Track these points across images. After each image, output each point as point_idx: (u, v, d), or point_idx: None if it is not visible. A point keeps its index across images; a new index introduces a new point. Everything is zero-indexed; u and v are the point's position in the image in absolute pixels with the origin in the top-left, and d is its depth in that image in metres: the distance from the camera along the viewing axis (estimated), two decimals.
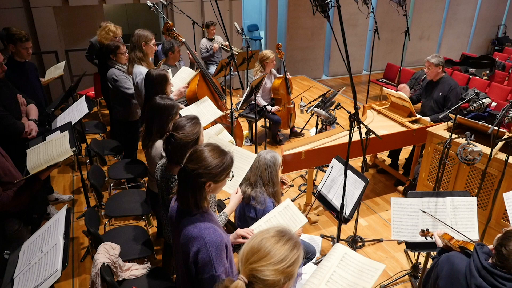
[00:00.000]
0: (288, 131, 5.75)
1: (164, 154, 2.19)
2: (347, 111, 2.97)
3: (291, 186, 4.49)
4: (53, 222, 1.97)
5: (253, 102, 4.48)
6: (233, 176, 1.78)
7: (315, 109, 3.40)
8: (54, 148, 2.37)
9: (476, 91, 3.35)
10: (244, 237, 2.09)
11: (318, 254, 3.44)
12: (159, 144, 2.50)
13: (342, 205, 2.55)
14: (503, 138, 2.97)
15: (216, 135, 3.14)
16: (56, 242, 1.79)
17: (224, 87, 6.21)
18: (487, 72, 8.07)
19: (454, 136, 2.81)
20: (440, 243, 2.26)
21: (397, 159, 4.74)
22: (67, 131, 2.52)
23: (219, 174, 1.68)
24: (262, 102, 5.15)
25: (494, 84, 7.19)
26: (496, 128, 2.99)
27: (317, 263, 3.34)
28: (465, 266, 1.88)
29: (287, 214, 2.32)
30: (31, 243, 1.97)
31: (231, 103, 4.16)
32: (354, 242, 3.54)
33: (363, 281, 1.58)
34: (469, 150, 2.39)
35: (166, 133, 2.17)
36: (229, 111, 4.13)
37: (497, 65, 8.23)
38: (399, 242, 3.62)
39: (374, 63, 10.08)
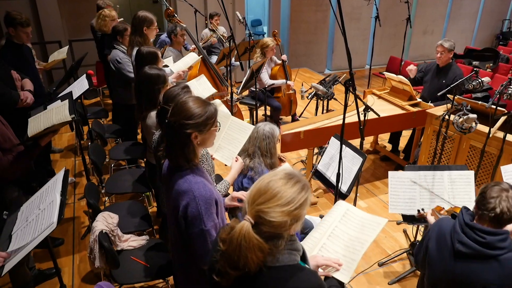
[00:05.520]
0: (289, 118, 5.76)
1: None
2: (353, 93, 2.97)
3: None
4: (52, 183, 2.00)
5: (253, 89, 4.50)
6: (220, 126, 1.77)
7: (313, 84, 3.41)
8: (54, 116, 2.41)
9: (475, 69, 3.35)
10: (239, 200, 2.09)
11: None
12: (154, 113, 2.52)
13: (338, 174, 2.56)
14: (502, 114, 2.96)
15: None
16: (53, 199, 1.82)
17: (226, 78, 6.24)
18: (491, 64, 8.03)
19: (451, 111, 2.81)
20: (432, 221, 2.29)
21: (398, 144, 4.74)
22: (67, 100, 2.56)
23: (203, 123, 1.65)
24: (266, 78, 5.10)
25: (497, 76, 7.16)
26: (494, 106, 2.99)
27: None
28: (451, 225, 1.92)
29: None
30: (30, 203, 2.00)
31: (231, 90, 4.19)
32: None
33: (365, 235, 1.57)
34: (464, 117, 2.39)
35: (157, 105, 2.16)
36: (229, 96, 4.16)
37: (501, 57, 8.19)
38: (398, 223, 3.62)
39: (378, 57, 10.08)
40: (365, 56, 10.20)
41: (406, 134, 4.75)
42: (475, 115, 2.42)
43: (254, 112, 5.19)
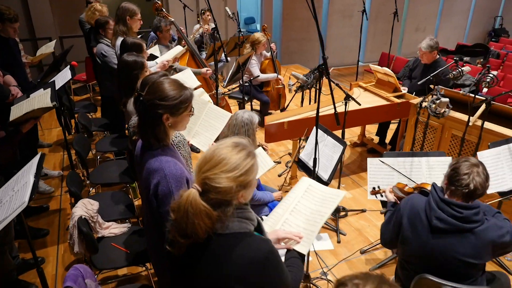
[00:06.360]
0: (278, 112, 5.79)
1: None
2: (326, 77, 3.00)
3: (279, 162, 4.53)
4: (27, 167, 2.02)
5: (245, 83, 4.53)
6: (193, 111, 1.79)
7: (293, 72, 3.44)
8: (36, 103, 2.44)
9: (455, 58, 3.39)
10: None
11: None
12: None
13: (314, 160, 2.59)
14: (480, 102, 3.00)
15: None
16: (26, 180, 1.84)
17: (216, 74, 6.26)
18: (481, 60, 8.09)
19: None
20: (391, 199, 2.32)
21: (385, 137, 4.78)
22: (49, 89, 2.59)
23: (176, 106, 1.66)
24: (257, 72, 5.13)
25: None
26: (472, 94, 3.03)
27: None
28: (425, 202, 1.95)
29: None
30: (6, 187, 2.02)
31: (217, 84, 4.21)
32: (337, 211, 3.57)
33: (325, 207, 1.60)
34: (437, 102, 2.42)
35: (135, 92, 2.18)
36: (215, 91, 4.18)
37: (492, 53, 8.26)
38: (382, 212, 3.65)
39: (370, 54, 10.13)
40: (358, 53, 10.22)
41: (394, 127, 4.79)
42: (447, 99, 2.46)
43: (243, 106, 5.21)
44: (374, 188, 2.52)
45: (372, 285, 0.90)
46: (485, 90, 6.38)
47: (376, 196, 2.52)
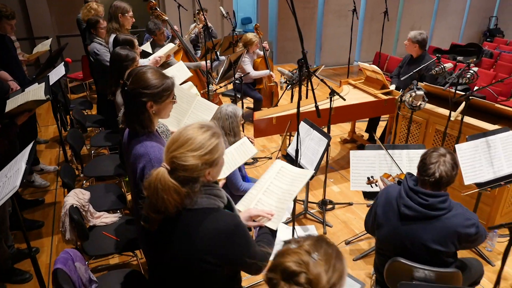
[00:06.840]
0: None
1: None
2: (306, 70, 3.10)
3: (270, 158, 4.63)
4: (20, 155, 2.12)
5: (237, 81, 4.63)
6: (176, 99, 1.89)
7: (279, 68, 3.55)
8: (31, 97, 2.55)
9: (437, 55, 3.50)
10: None
11: (288, 215, 3.58)
12: None
13: (297, 151, 2.70)
14: (460, 96, 3.10)
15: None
16: (18, 167, 1.94)
17: (207, 71, 6.36)
18: (474, 59, 8.19)
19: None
20: (382, 187, 2.43)
21: (374, 133, 4.87)
22: (43, 83, 2.70)
23: (159, 94, 1.77)
24: (250, 69, 5.25)
25: (480, 70, 7.31)
26: (453, 90, 3.14)
27: (287, 223, 3.49)
28: (397, 191, 2.05)
29: (241, 149, 2.48)
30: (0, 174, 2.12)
31: (208, 81, 4.31)
32: (324, 204, 3.67)
33: (294, 186, 1.71)
34: (413, 95, 2.52)
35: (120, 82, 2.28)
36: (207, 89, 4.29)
37: (485, 53, 8.37)
38: (368, 206, 3.75)
39: (366, 53, 10.23)
40: (353, 53, 10.32)
41: (384, 125, 4.89)
42: (422, 92, 2.56)
43: (236, 103, 5.31)
44: (368, 178, 2.64)
45: (311, 241, 1.01)
46: (476, 88, 6.50)
47: (371, 186, 2.65)
